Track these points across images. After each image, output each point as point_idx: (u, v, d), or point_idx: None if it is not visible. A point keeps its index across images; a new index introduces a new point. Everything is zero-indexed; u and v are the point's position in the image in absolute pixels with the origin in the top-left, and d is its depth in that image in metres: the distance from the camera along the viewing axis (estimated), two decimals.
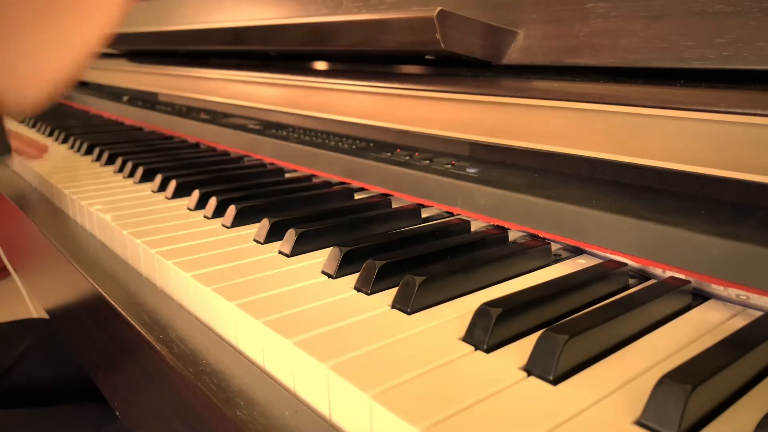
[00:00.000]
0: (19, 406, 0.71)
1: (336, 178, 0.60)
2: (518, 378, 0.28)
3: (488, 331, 0.31)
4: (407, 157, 0.54)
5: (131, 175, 0.71)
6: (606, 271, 0.38)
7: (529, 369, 0.29)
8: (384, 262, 0.38)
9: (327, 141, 0.64)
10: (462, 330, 0.32)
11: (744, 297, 0.36)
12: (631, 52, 0.41)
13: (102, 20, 0.34)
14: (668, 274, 0.38)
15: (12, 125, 1.10)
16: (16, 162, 0.87)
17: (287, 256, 0.44)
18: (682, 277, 0.37)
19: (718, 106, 0.36)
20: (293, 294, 0.37)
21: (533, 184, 0.44)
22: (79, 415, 0.68)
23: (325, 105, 0.67)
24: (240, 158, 0.76)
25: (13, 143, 0.85)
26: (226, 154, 0.79)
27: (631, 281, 0.40)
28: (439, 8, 0.45)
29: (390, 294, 0.37)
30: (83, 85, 1.41)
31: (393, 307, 0.35)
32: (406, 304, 0.35)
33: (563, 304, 0.35)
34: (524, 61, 0.48)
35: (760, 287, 0.31)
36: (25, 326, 0.84)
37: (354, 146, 0.60)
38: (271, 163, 0.71)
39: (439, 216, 0.54)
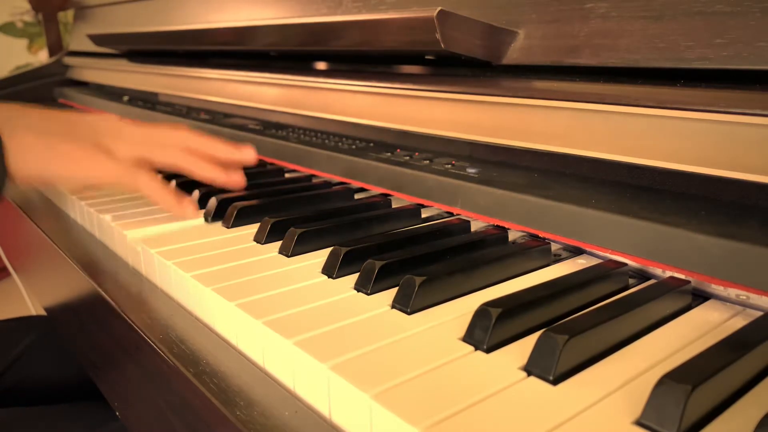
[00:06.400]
0: (18, 404, 0.71)
1: (336, 178, 0.60)
2: (518, 378, 0.28)
3: (488, 331, 0.31)
4: (407, 157, 0.54)
5: None
6: (606, 271, 0.38)
7: (529, 369, 0.29)
8: (384, 262, 0.38)
9: (327, 141, 0.64)
10: (462, 330, 0.32)
11: (744, 297, 0.36)
12: (631, 52, 0.41)
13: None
14: (668, 274, 0.38)
15: None
16: None
17: (287, 256, 0.44)
18: (682, 277, 0.37)
19: (718, 106, 0.36)
20: (293, 294, 0.37)
21: (533, 184, 0.44)
22: (78, 414, 0.68)
23: (325, 105, 0.67)
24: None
25: None
26: None
27: (631, 281, 0.40)
28: (439, 8, 0.45)
29: (390, 294, 0.37)
30: (83, 85, 1.41)
31: (393, 307, 0.35)
32: (406, 304, 0.35)
33: (563, 304, 0.35)
34: (524, 61, 0.48)
35: (760, 287, 0.31)
36: (25, 324, 0.84)
37: (354, 146, 0.60)
38: (271, 163, 0.71)
39: (439, 216, 0.54)
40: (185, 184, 0.60)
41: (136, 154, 0.54)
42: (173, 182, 0.61)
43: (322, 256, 0.43)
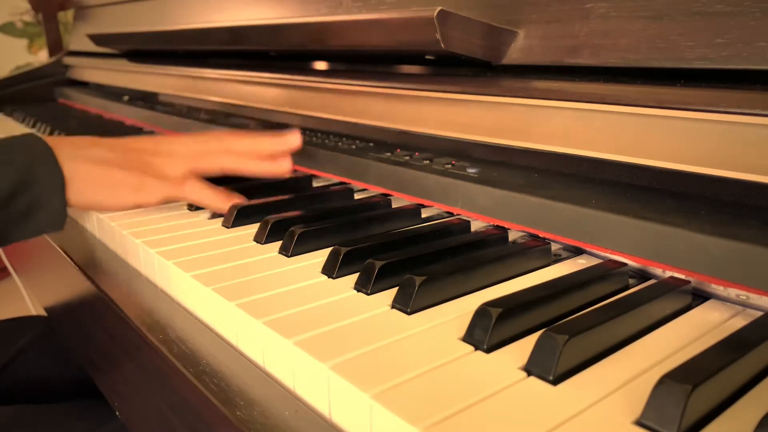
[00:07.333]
0: (17, 402, 0.71)
1: (336, 178, 0.60)
2: (518, 378, 0.28)
3: (488, 331, 0.31)
4: (407, 157, 0.54)
5: None
6: (606, 271, 0.38)
7: (529, 369, 0.29)
8: (384, 262, 0.38)
9: (327, 141, 0.64)
10: (462, 330, 0.32)
11: (744, 297, 0.36)
12: (631, 52, 0.41)
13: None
14: (668, 274, 0.38)
15: None
16: None
17: (287, 256, 0.44)
18: (682, 277, 0.37)
19: (718, 106, 0.36)
20: (293, 294, 0.37)
21: (533, 184, 0.44)
22: (78, 413, 0.68)
23: (325, 105, 0.67)
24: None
25: None
26: None
27: (631, 281, 0.40)
28: (439, 8, 0.45)
29: (390, 294, 0.37)
30: (83, 85, 1.41)
31: (393, 307, 0.35)
32: (406, 304, 0.35)
33: (563, 304, 0.35)
34: (524, 61, 0.48)
35: (760, 287, 0.31)
36: (24, 323, 0.84)
37: (354, 146, 0.60)
38: None
39: (439, 216, 0.54)
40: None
41: (185, 168, 0.56)
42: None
43: (322, 256, 0.43)
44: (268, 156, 0.58)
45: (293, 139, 0.60)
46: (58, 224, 0.50)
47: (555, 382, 0.28)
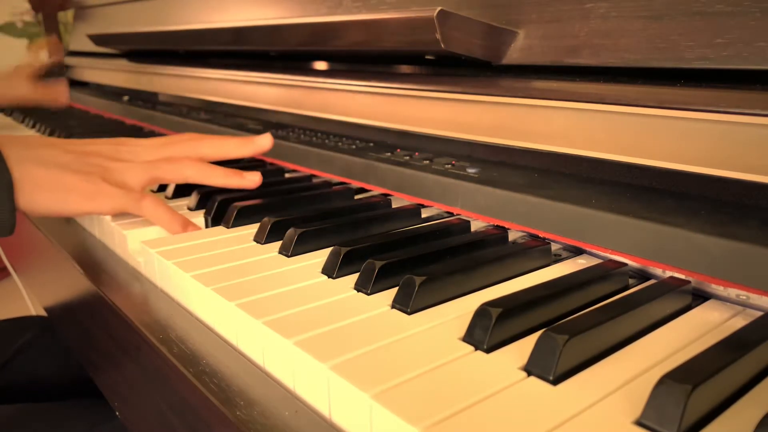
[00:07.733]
0: (17, 401, 0.71)
1: (336, 178, 0.60)
2: (518, 378, 0.28)
3: (488, 331, 0.31)
4: (407, 157, 0.54)
5: None
6: (606, 271, 0.38)
7: (529, 369, 0.29)
8: (384, 262, 0.38)
9: (327, 141, 0.64)
10: (462, 330, 0.32)
11: (744, 297, 0.36)
12: (631, 52, 0.41)
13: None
14: (668, 274, 0.38)
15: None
16: None
17: (287, 256, 0.44)
18: (682, 277, 0.37)
19: (718, 106, 0.36)
20: (293, 294, 0.37)
21: (533, 184, 0.44)
22: (78, 411, 0.68)
23: (325, 105, 0.67)
24: (240, 158, 0.76)
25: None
26: None
27: (631, 281, 0.40)
28: (439, 8, 0.45)
29: (390, 294, 0.37)
30: (83, 85, 1.41)
31: (393, 307, 0.35)
32: (406, 304, 0.35)
33: (563, 304, 0.35)
34: (524, 61, 0.48)
35: (760, 287, 0.31)
36: (23, 323, 0.84)
37: (354, 146, 0.60)
38: (271, 163, 0.71)
39: (439, 216, 0.54)
40: (184, 184, 0.60)
41: (146, 176, 0.53)
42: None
43: (322, 256, 0.43)
44: (237, 160, 0.55)
45: (263, 141, 0.57)
46: (6, 230, 0.48)
47: (555, 382, 0.28)
